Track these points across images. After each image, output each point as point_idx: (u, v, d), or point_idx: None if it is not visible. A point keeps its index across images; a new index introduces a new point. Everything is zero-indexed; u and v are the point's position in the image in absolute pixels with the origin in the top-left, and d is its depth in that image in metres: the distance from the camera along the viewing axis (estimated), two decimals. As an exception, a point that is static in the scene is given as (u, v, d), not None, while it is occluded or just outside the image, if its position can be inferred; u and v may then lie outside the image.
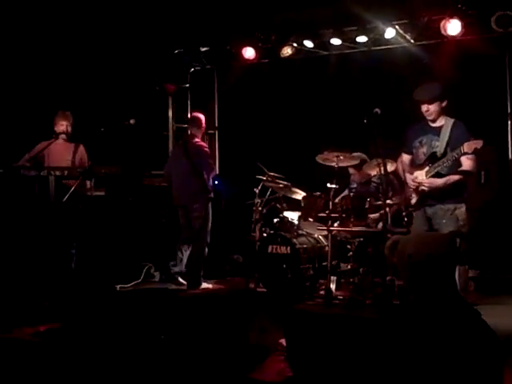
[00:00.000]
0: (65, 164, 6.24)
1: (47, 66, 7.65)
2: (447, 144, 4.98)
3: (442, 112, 5.12)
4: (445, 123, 5.07)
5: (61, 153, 6.32)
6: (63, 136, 6.39)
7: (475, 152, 4.79)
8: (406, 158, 5.43)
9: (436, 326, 2.96)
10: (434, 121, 5.15)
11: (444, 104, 5.10)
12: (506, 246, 6.49)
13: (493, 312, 4.50)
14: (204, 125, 7.06)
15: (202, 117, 7.08)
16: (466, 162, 4.96)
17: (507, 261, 6.41)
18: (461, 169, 4.99)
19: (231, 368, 3.75)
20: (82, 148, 6.48)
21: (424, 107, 5.12)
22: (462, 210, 4.97)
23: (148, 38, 7.99)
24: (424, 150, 5.18)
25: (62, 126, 6.38)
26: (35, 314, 5.09)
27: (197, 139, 6.87)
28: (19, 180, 5.86)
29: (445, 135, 5.00)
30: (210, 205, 6.76)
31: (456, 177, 4.98)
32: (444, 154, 4.99)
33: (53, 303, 5.32)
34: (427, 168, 5.09)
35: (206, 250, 6.74)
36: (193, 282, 6.65)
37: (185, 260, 6.85)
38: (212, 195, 6.80)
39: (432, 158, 5.06)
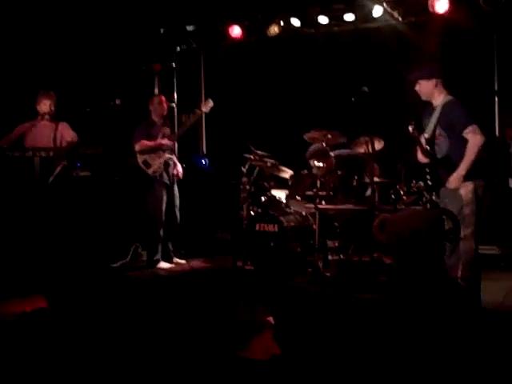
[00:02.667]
0: (46, 143, 6.14)
1: (31, 46, 7.54)
2: (437, 123, 4.93)
3: (436, 92, 5.05)
4: (439, 103, 5.02)
5: (43, 132, 6.23)
6: (46, 116, 6.25)
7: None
8: (423, 141, 5.34)
9: (422, 300, 2.98)
10: (431, 101, 5.10)
11: (433, 84, 5.03)
12: (490, 220, 6.51)
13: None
14: (162, 105, 6.87)
15: (158, 97, 7.04)
16: (470, 137, 4.83)
17: (494, 236, 6.43)
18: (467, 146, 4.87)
19: (219, 346, 3.76)
20: (62, 125, 6.29)
21: (416, 87, 5.09)
22: (467, 188, 4.80)
23: (134, 16, 7.90)
24: (426, 134, 5.11)
25: (45, 105, 6.25)
26: (22, 294, 5.09)
27: (143, 122, 6.76)
28: (4, 161, 5.79)
29: (436, 115, 4.97)
30: (156, 184, 6.62)
31: (467, 157, 4.83)
32: (433, 134, 4.94)
33: (40, 283, 5.30)
34: (421, 152, 5.03)
35: (160, 233, 6.68)
36: (149, 263, 6.70)
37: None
38: (154, 173, 6.61)
39: (425, 139, 5.00)
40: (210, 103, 6.80)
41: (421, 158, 4.98)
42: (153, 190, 6.64)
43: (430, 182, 4.97)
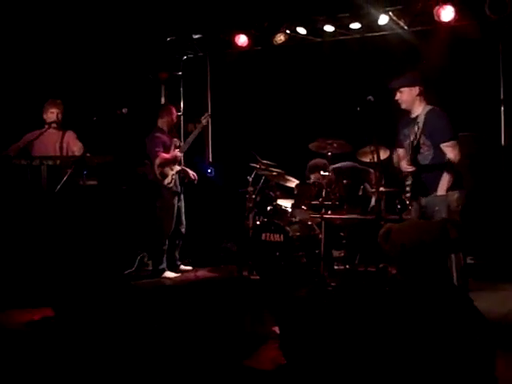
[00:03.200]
0: (53, 151, 6.19)
1: (39, 55, 7.58)
2: (422, 131, 4.93)
3: (417, 100, 5.06)
4: (421, 112, 5.03)
5: (50, 141, 6.25)
6: (54, 125, 6.29)
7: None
8: (400, 151, 5.38)
9: (428, 312, 2.97)
10: (410, 110, 5.11)
11: (416, 92, 5.04)
12: (500, 233, 6.51)
13: (485, 298, 4.54)
14: (172, 116, 7.01)
15: (169, 108, 7.14)
16: (447, 151, 4.90)
17: (500, 248, 6.42)
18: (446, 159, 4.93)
19: (225, 356, 3.76)
20: (69, 134, 6.33)
21: (396, 95, 5.10)
22: (454, 197, 4.92)
23: (140, 25, 7.92)
24: (408, 141, 5.12)
25: (52, 113, 6.29)
26: (28, 303, 5.11)
27: (156, 132, 6.84)
28: (11, 169, 5.81)
29: (419, 123, 4.98)
30: (167, 195, 6.72)
31: (446, 176, 4.90)
32: (418, 142, 4.95)
33: (47, 292, 5.31)
34: (404, 161, 5.04)
35: (166, 243, 6.76)
36: (154, 272, 6.74)
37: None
38: (168, 185, 6.71)
39: (409, 148, 5.01)
40: (208, 117, 7.12)
41: (405, 167, 4.99)
42: (163, 198, 6.72)
43: (408, 194, 5.00)
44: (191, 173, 7.04)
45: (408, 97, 5.03)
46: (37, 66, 7.55)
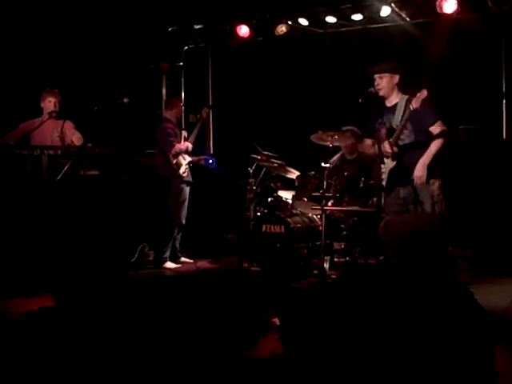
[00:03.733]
0: (53, 141, 6.18)
1: (38, 45, 7.56)
2: (406, 117, 4.93)
3: (396, 89, 5.08)
4: (399, 100, 5.04)
5: (49, 131, 6.24)
6: (53, 114, 6.25)
7: (424, 103, 4.76)
8: (368, 142, 5.37)
9: (428, 305, 2.97)
10: (387, 99, 5.11)
11: (396, 80, 5.07)
12: (500, 226, 6.51)
13: (485, 292, 4.54)
14: (179, 109, 7.21)
15: (176, 101, 7.36)
16: (435, 129, 4.91)
17: (499, 241, 6.43)
18: (433, 139, 4.93)
19: (225, 347, 3.77)
20: (67, 123, 6.31)
21: (375, 81, 5.10)
22: (435, 186, 4.93)
23: (141, 15, 7.90)
24: (385, 129, 5.10)
25: (50, 102, 6.27)
26: (28, 292, 5.12)
27: (166, 124, 6.97)
28: (12, 159, 5.81)
29: (400, 110, 4.98)
30: (181, 185, 6.83)
31: (433, 147, 4.91)
32: (401, 127, 4.95)
33: (47, 281, 5.32)
34: (386, 142, 5.02)
35: (175, 232, 6.85)
36: (156, 260, 6.79)
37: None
38: (183, 174, 6.82)
39: (391, 132, 4.99)
40: (207, 110, 7.32)
41: (387, 147, 4.97)
42: (175, 191, 6.78)
43: (384, 182, 5.00)
44: (199, 157, 7.21)
45: (388, 84, 5.06)
46: (37, 56, 7.54)
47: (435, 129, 4.89)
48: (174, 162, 6.78)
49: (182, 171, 6.80)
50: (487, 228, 6.45)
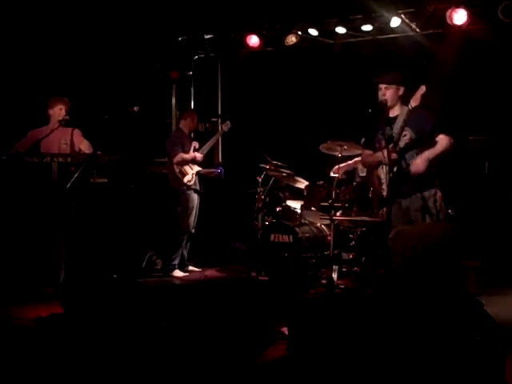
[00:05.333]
0: (62, 149, 6.19)
1: (50, 53, 7.62)
2: (407, 126, 4.91)
3: (399, 100, 5.08)
4: (401, 111, 5.04)
5: (57, 139, 6.24)
6: (62, 122, 6.24)
7: (422, 100, 4.75)
8: (367, 152, 5.34)
9: (438, 315, 2.96)
10: (390, 109, 5.10)
11: (401, 92, 5.06)
12: (508, 236, 6.48)
13: (494, 302, 4.52)
14: (194, 121, 7.24)
15: (193, 113, 7.45)
16: (438, 137, 4.89)
17: (508, 251, 6.40)
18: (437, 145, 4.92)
19: (234, 356, 3.76)
20: (76, 131, 6.27)
21: (381, 91, 5.09)
22: (436, 196, 4.91)
23: (152, 24, 7.95)
24: (385, 138, 5.04)
25: (61, 110, 6.22)
26: (37, 299, 5.13)
27: (176, 133, 7.13)
28: (22, 166, 5.83)
29: (400, 119, 4.97)
30: (188, 192, 6.83)
31: (439, 146, 4.88)
32: (400, 136, 4.93)
33: (55, 289, 5.33)
34: (385, 150, 4.97)
35: (184, 239, 6.86)
36: (165, 268, 6.82)
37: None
38: (188, 182, 6.82)
39: (389, 141, 4.95)
40: (229, 124, 7.32)
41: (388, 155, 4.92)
42: (183, 200, 6.80)
43: (385, 193, 4.96)
44: (211, 170, 7.29)
45: (393, 95, 5.04)
46: (48, 64, 7.59)
47: (442, 137, 4.88)
48: (178, 170, 6.80)
49: (186, 180, 6.80)
50: (496, 239, 6.42)
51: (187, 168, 6.85)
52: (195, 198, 6.90)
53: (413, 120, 4.86)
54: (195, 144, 7.05)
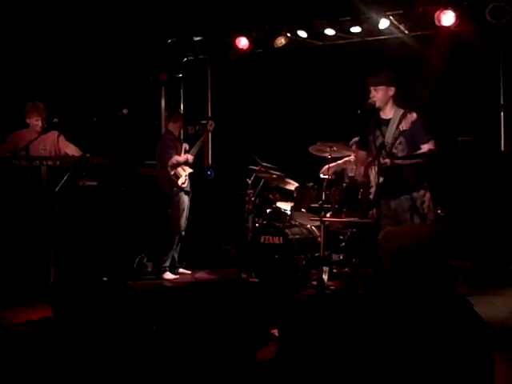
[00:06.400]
0: (49, 153, 6.15)
1: (37, 55, 7.59)
2: (400, 132, 4.92)
3: (391, 101, 5.07)
4: (394, 114, 5.03)
5: (37, 144, 6.17)
6: (40, 133, 6.15)
7: (417, 124, 4.78)
8: (361, 153, 5.35)
9: (427, 315, 2.97)
10: (382, 111, 5.10)
11: (391, 92, 5.06)
12: (499, 237, 6.51)
13: (484, 303, 4.55)
14: (181, 122, 7.27)
15: (180, 114, 7.44)
16: (424, 147, 4.91)
17: (497, 252, 6.43)
18: (421, 151, 4.95)
19: (224, 359, 3.75)
20: (60, 137, 6.23)
21: (371, 93, 5.10)
22: (425, 198, 4.93)
23: (141, 27, 7.94)
24: (377, 143, 5.06)
25: (38, 121, 6.08)
26: (27, 302, 5.11)
27: (167, 136, 7.06)
28: (11, 170, 5.80)
29: (393, 124, 4.97)
30: (179, 194, 6.82)
31: (418, 152, 4.91)
32: (394, 141, 4.94)
33: (45, 292, 5.31)
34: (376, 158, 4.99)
35: (176, 240, 6.85)
36: (156, 270, 6.83)
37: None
38: (182, 185, 6.82)
39: (381, 148, 4.96)
40: (213, 124, 7.35)
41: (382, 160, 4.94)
42: (174, 203, 6.79)
43: (371, 196, 4.99)
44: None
45: (383, 96, 5.04)
46: (38, 67, 7.56)
47: (425, 146, 4.91)
48: (172, 173, 6.80)
49: (180, 182, 6.81)
50: (485, 239, 6.45)
51: (180, 170, 6.85)
52: (186, 199, 6.90)
53: (408, 133, 4.85)
54: (185, 146, 7.06)
